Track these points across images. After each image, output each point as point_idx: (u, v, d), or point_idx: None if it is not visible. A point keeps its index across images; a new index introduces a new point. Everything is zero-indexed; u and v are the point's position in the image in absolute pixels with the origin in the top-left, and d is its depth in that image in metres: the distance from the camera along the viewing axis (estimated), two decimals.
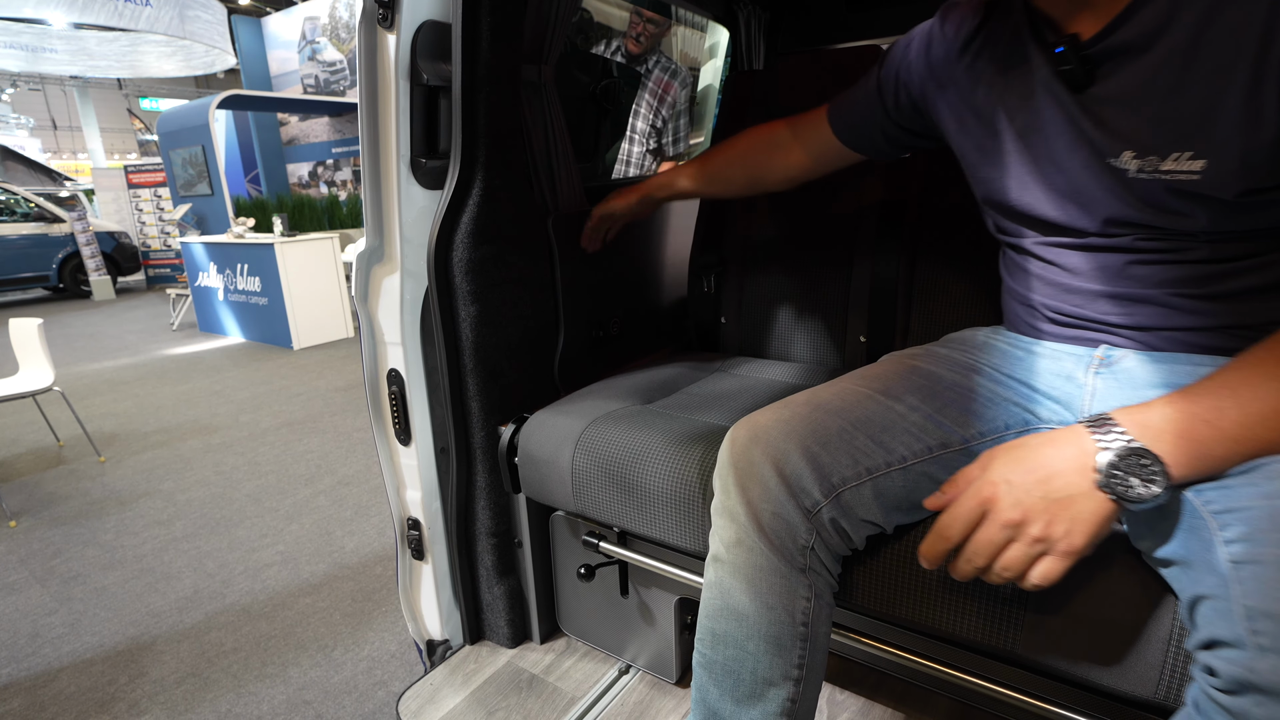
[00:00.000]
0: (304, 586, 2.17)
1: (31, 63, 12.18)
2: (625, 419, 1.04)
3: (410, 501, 1.22)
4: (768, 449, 0.69)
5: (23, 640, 1.97)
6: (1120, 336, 0.73)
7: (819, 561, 0.69)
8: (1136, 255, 0.70)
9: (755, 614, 0.68)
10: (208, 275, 5.98)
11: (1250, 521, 0.49)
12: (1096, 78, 0.67)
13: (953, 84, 0.83)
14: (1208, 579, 0.50)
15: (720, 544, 0.72)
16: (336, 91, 9.69)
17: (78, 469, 3.21)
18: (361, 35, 1.00)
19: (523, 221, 1.15)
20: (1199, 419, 0.53)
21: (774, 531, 0.68)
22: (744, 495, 0.69)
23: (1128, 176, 0.66)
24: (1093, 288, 0.73)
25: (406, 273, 1.10)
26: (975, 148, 0.81)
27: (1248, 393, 0.53)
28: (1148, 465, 0.52)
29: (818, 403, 0.74)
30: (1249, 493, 0.51)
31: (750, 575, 0.69)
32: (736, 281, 1.42)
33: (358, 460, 3.17)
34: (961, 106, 0.82)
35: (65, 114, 21.21)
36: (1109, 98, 0.66)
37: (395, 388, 1.15)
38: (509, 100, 1.08)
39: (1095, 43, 0.65)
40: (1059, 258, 0.76)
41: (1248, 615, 0.46)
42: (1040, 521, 0.55)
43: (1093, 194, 0.70)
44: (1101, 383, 0.73)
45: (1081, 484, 0.55)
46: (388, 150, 1.05)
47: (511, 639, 1.22)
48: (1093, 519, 0.54)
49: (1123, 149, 0.65)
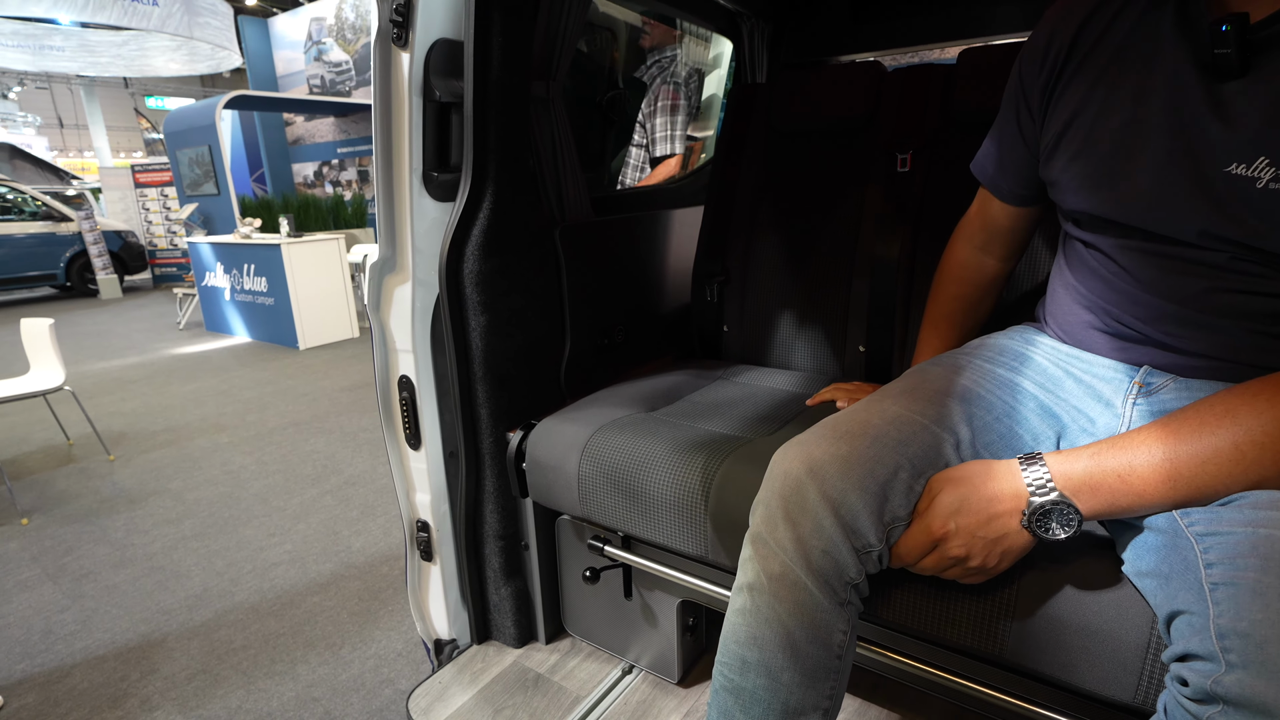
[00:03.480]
0: (311, 585, 2.21)
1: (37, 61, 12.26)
2: (630, 427, 1.07)
3: (419, 504, 1.25)
4: (824, 488, 0.68)
5: (36, 636, 2.01)
6: (1172, 357, 0.71)
7: (856, 594, 0.69)
8: (1224, 277, 0.65)
9: (793, 647, 0.68)
10: (215, 275, 6.03)
11: (1230, 546, 0.53)
12: (1251, 68, 0.60)
13: (1074, 77, 0.75)
14: (1186, 596, 0.54)
15: (760, 573, 0.70)
16: (342, 92, 9.73)
17: (87, 467, 3.25)
18: (376, 53, 1.03)
19: (531, 233, 1.18)
20: (1112, 474, 0.61)
21: (822, 569, 0.67)
22: (794, 531, 0.68)
23: (1256, 187, 0.60)
24: (1165, 305, 0.70)
25: (418, 282, 1.13)
26: (1072, 138, 0.74)
27: (1161, 453, 0.59)
28: (1066, 513, 0.62)
29: (875, 434, 0.71)
30: (1232, 519, 0.55)
31: (792, 608, 0.68)
32: (739, 291, 1.45)
33: (364, 460, 3.20)
34: (1073, 100, 0.75)
35: (71, 112, 21.31)
36: (1258, 94, 0.60)
37: (406, 393, 1.18)
38: (518, 116, 1.11)
39: (1265, 26, 0.59)
40: (1137, 266, 0.71)
41: (1220, 633, 0.49)
42: (979, 556, 0.66)
43: (1199, 201, 0.64)
44: (1137, 414, 0.74)
45: (1012, 524, 0.65)
46: (401, 164, 1.08)
47: (518, 639, 1.25)
48: (1018, 551, 0.66)
49: (1258, 155, 0.60)
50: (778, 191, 1.41)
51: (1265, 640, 0.47)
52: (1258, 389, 0.58)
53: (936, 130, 1.24)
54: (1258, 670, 0.46)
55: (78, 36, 11.22)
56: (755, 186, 1.43)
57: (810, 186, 1.38)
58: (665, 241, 1.55)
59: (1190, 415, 0.60)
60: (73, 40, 11.44)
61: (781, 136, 1.40)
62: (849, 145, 1.32)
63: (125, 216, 9.85)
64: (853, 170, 1.32)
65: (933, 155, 1.24)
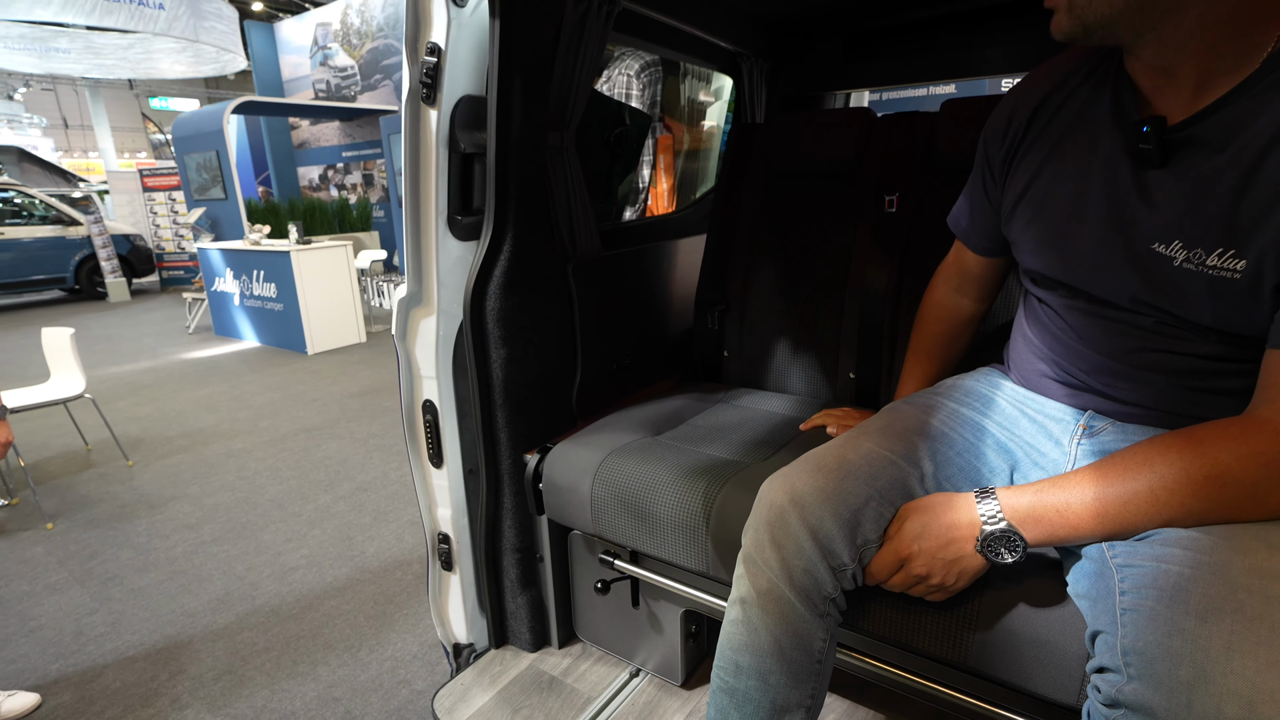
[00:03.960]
0: (328, 589, 2.31)
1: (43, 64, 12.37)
2: (638, 452, 1.17)
3: (441, 518, 1.35)
4: (804, 514, 0.78)
5: (68, 638, 2.10)
6: (1111, 404, 0.82)
7: (834, 607, 0.80)
8: (1152, 338, 0.75)
9: (780, 653, 0.78)
10: (224, 280, 6.13)
11: (1139, 577, 0.63)
12: (1169, 162, 0.69)
13: (1028, 150, 0.85)
14: (1104, 618, 0.64)
15: (751, 589, 0.81)
16: (347, 96, 9.84)
17: (107, 473, 3.35)
18: (407, 110, 1.12)
19: (546, 269, 1.28)
20: (1051, 508, 0.71)
21: (803, 585, 0.78)
22: (778, 552, 0.79)
23: (1172, 265, 0.69)
24: (1100, 359, 0.80)
25: (442, 313, 1.22)
26: (1028, 204, 0.84)
27: (1091, 493, 0.69)
28: (1013, 540, 0.72)
29: (848, 468, 0.81)
30: (1144, 553, 0.65)
31: (778, 619, 0.78)
32: (738, 319, 1.55)
33: (375, 466, 3.30)
34: (1026, 171, 0.85)
35: (76, 113, 21.43)
36: (1173, 185, 0.69)
37: (430, 416, 1.28)
38: (535, 163, 1.21)
39: (1179, 129, 0.68)
40: (1080, 323, 0.82)
41: (1124, 651, 0.59)
42: (939, 575, 0.76)
43: (1129, 272, 0.73)
44: (1081, 452, 0.84)
45: (967, 549, 0.75)
46: (428, 208, 1.18)
47: (533, 644, 1.35)
48: (973, 572, 0.76)
49: (1172, 237, 0.69)
50: (774, 226, 1.51)
51: (1154, 658, 0.57)
52: (1171, 441, 0.67)
53: (921, 174, 1.34)
54: (1148, 682, 0.56)
55: (84, 39, 11.32)
56: (753, 221, 1.53)
57: (805, 223, 1.48)
58: (668, 270, 1.65)
59: (1117, 461, 0.69)
60: (78, 42, 11.54)
61: (778, 176, 1.50)
62: (841, 186, 1.42)
63: (133, 220, 9.96)
64: (844, 209, 1.42)
65: (918, 197, 1.33)
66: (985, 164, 0.92)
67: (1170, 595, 0.59)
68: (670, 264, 1.66)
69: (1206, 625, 0.56)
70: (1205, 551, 0.61)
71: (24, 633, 2.13)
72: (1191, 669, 0.55)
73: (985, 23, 1.56)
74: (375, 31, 9.26)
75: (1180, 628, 0.57)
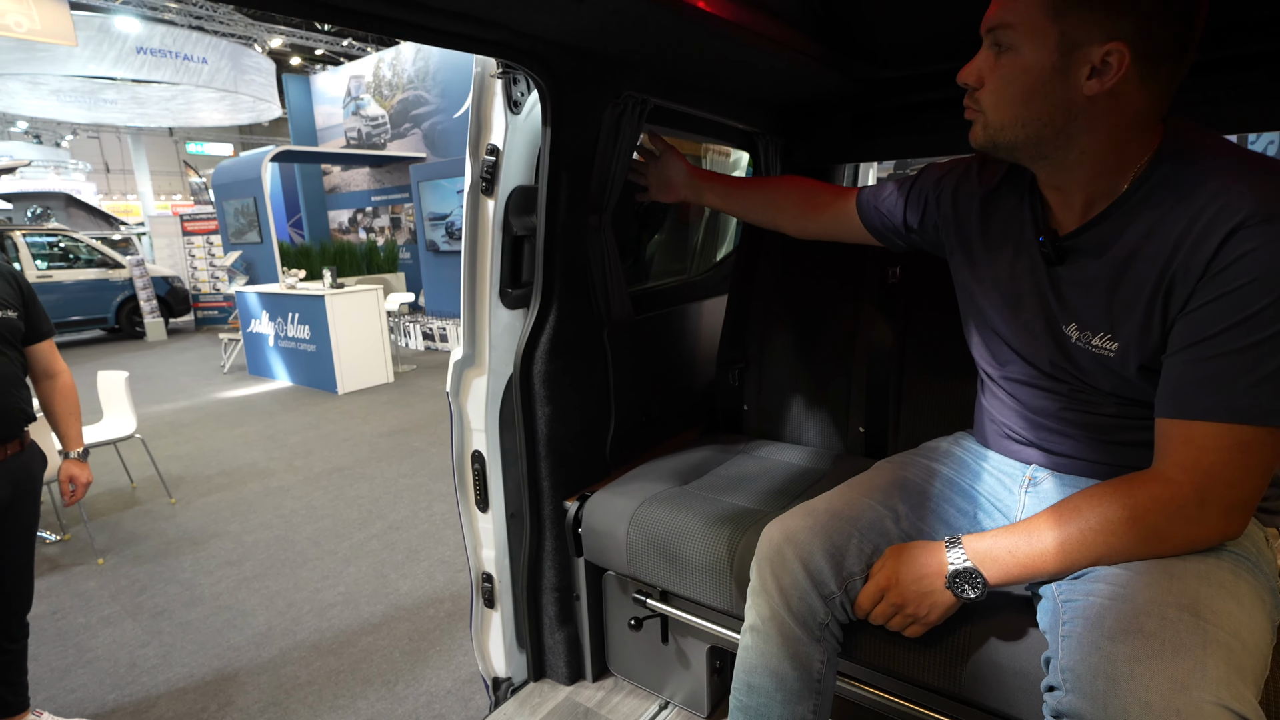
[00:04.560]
0: (365, 626, 2.42)
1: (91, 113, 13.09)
2: (668, 500, 1.29)
3: (485, 558, 1.48)
4: (798, 550, 0.93)
5: (123, 669, 2.23)
6: (1048, 457, 0.97)
7: (830, 633, 0.93)
8: (1068, 402, 0.91)
9: (783, 672, 0.91)
10: (260, 322, 6.39)
11: (1074, 609, 0.77)
12: (1065, 262, 0.86)
13: (966, 228, 1.01)
14: (1053, 641, 0.77)
15: (757, 617, 0.95)
16: (377, 144, 10.29)
17: (151, 509, 3.52)
18: (468, 200, 1.29)
19: (585, 334, 1.43)
20: (1005, 550, 0.84)
21: (799, 612, 0.91)
22: (778, 583, 0.93)
23: (1071, 342, 0.87)
24: (1035, 419, 0.96)
25: (492, 372, 1.37)
26: (967, 283, 1.02)
27: (1036, 539, 0.82)
28: (974, 578, 0.85)
29: (835, 511, 0.97)
30: (1079, 589, 0.79)
31: (780, 643, 0.92)
32: (756, 376, 1.68)
33: (405, 506, 3.43)
34: (966, 249, 1.02)
35: (118, 157, 22.47)
36: (1069, 280, 0.86)
37: (478, 465, 1.42)
38: (577, 242, 1.37)
39: (1069, 238, 0.85)
40: (1014, 391, 0.98)
41: (1062, 669, 0.72)
42: (912, 605, 0.89)
43: (1044, 346, 0.90)
44: (1029, 499, 0.99)
45: (937, 584, 0.87)
46: (483, 282, 1.34)
47: (569, 677, 1.46)
48: (943, 606, 0.88)
49: (1070, 320, 0.86)
50: (789, 293, 1.66)
51: (1080, 673, 0.69)
52: (1094, 493, 0.81)
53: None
54: (1078, 694, 0.69)
55: (130, 90, 12.02)
56: (770, 288, 1.68)
57: (816, 290, 1.62)
58: (692, 331, 1.80)
59: (1056, 510, 0.83)
60: (125, 94, 12.25)
61: (792, 247, 1.65)
62: (848, 259, 1.57)
63: (171, 262, 10.41)
64: (852, 279, 1.57)
65: (916, 270, 1.48)
66: (922, 190, 1.09)
67: (1093, 622, 0.73)
68: (693, 325, 1.81)
69: (1116, 644, 0.69)
70: (1121, 585, 0.75)
71: (82, 663, 2.27)
72: (1105, 680, 0.67)
73: None
74: (406, 84, 9.73)
75: (1098, 647, 0.70)
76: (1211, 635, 0.68)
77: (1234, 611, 0.71)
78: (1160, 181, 0.78)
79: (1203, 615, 0.69)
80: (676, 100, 1.48)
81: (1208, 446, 0.74)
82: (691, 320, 1.82)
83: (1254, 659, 0.69)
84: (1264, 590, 0.77)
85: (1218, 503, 0.75)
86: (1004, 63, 0.80)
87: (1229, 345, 0.71)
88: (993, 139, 0.83)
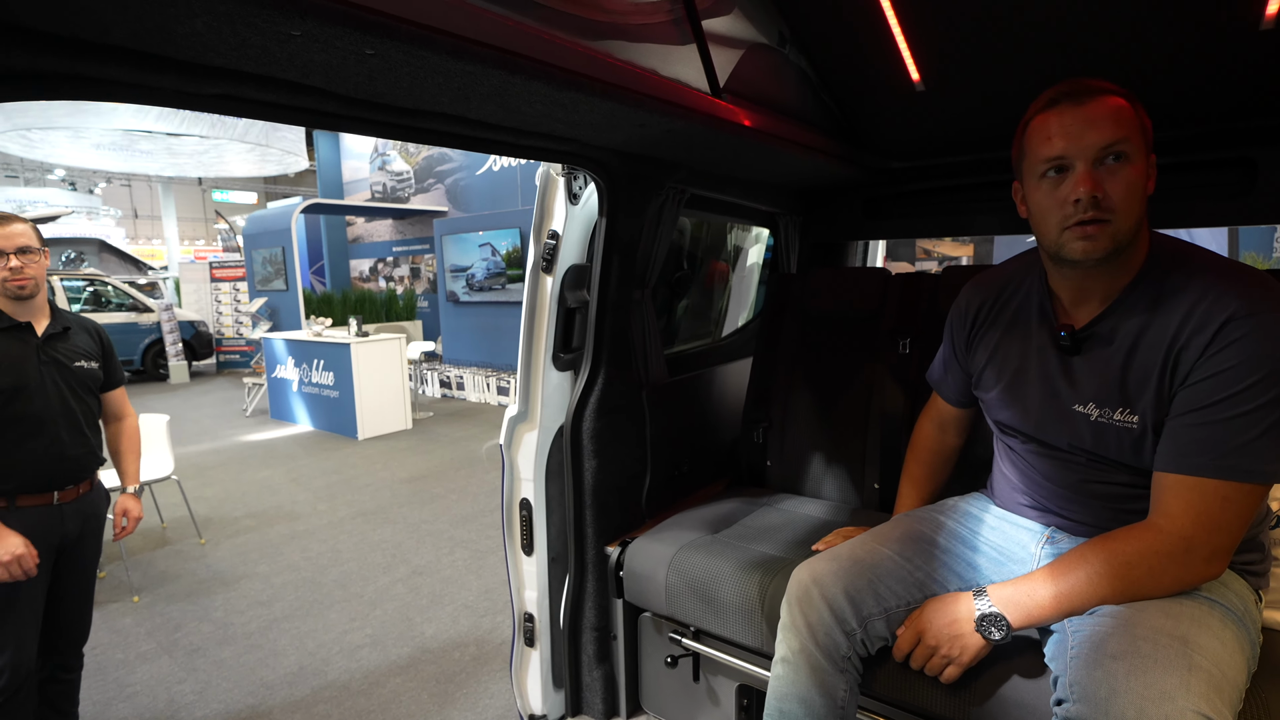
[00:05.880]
0: (393, 667, 2.50)
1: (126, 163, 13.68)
2: (703, 547, 1.43)
3: (528, 599, 1.60)
4: (823, 591, 1.07)
5: (161, 705, 2.31)
6: (1066, 521, 1.10)
7: (852, 665, 1.06)
8: (1086, 471, 1.04)
9: (811, 699, 1.04)
10: (285, 368, 6.58)
11: (1080, 636, 0.92)
12: (1082, 350, 1.01)
13: (982, 335, 1.18)
14: (1060, 664, 0.91)
15: (788, 650, 1.09)
16: (401, 198, 10.72)
17: (182, 550, 3.63)
18: (529, 278, 1.48)
19: (627, 394, 1.60)
20: (1025, 595, 0.98)
21: (825, 646, 1.05)
22: (806, 620, 1.07)
23: (1090, 420, 1.00)
24: (1054, 487, 1.10)
25: (542, 428, 1.53)
26: (988, 378, 1.16)
27: (1051, 585, 0.96)
28: (999, 621, 0.98)
29: (856, 558, 1.11)
30: (1088, 621, 0.94)
31: (809, 673, 1.05)
32: (779, 434, 1.84)
33: (428, 551, 3.53)
34: (985, 350, 1.17)
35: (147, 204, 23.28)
36: (1086, 366, 1.00)
37: (525, 512, 1.56)
38: (623, 314, 1.55)
39: (1083, 331, 1.00)
40: (1035, 461, 1.11)
41: (1069, 684, 0.86)
42: (945, 647, 1.02)
43: (1062, 425, 1.03)
44: (1044, 555, 1.11)
45: (967, 628, 1.00)
46: (538, 348, 1.51)
47: (605, 714, 1.56)
48: (974, 648, 1.00)
49: (1089, 400, 1.00)
50: (809, 359, 1.83)
51: (1085, 685, 0.83)
52: (1096, 543, 0.96)
53: (926, 323, 1.66)
54: (1083, 702, 0.83)
55: (164, 142, 12.57)
56: (791, 354, 1.85)
57: (834, 358, 1.79)
58: (720, 391, 1.97)
59: (1064, 560, 0.98)
60: (159, 145, 12.82)
61: (811, 319, 1.83)
62: (863, 330, 1.74)
63: (198, 307, 10.72)
64: (866, 348, 1.74)
65: (925, 342, 1.65)
66: (952, 339, 1.27)
67: (1098, 644, 0.87)
68: (720, 386, 1.98)
69: (1117, 662, 0.83)
70: (1123, 617, 0.90)
71: (122, 698, 2.35)
72: (1107, 690, 0.81)
73: (979, 192, 1.93)
74: None
75: (1100, 664, 0.84)
76: (1196, 661, 0.82)
77: (1218, 648, 0.85)
78: (1156, 279, 0.95)
79: (1191, 645, 0.84)
80: (710, 190, 1.69)
81: (1195, 498, 0.89)
82: (719, 382, 1.99)
83: (1232, 689, 0.83)
84: (1245, 641, 0.91)
85: (1201, 549, 0.90)
86: (1127, 172, 0.90)
87: (1220, 415, 0.87)
88: (1119, 243, 0.92)
